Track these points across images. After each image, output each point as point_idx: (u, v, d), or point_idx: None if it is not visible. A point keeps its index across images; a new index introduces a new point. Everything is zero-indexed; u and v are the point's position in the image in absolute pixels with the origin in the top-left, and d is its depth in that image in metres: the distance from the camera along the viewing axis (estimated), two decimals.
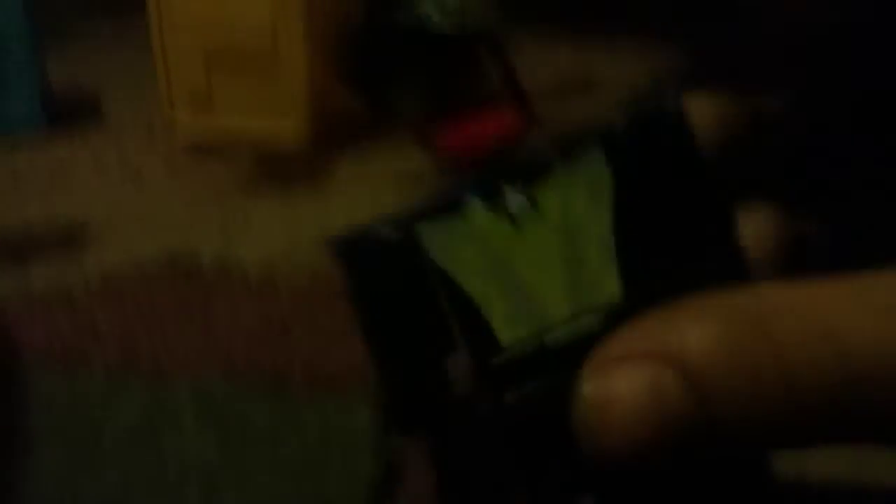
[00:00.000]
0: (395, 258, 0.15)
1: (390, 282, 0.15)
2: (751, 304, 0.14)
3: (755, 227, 0.19)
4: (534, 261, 0.15)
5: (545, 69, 0.43)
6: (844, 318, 0.14)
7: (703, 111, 0.18)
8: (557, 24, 0.59)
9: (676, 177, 0.16)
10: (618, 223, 0.15)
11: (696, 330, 0.14)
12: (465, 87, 0.17)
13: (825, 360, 0.14)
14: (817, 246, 0.22)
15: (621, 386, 0.14)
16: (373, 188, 0.47)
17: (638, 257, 0.16)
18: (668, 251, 0.16)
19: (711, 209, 0.16)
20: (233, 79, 0.56)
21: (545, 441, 0.15)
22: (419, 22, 0.18)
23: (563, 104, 0.40)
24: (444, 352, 0.15)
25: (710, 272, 0.15)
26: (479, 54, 0.18)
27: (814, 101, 0.20)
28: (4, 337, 0.33)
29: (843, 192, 0.24)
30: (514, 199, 0.15)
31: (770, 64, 0.24)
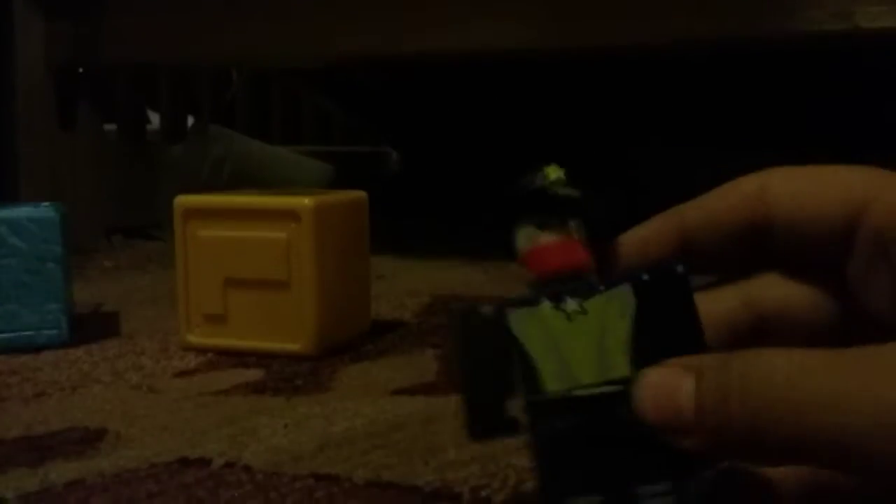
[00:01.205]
0: (489, 326, 0.25)
1: (482, 340, 0.25)
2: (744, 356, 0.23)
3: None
4: (576, 345, 0.25)
5: None
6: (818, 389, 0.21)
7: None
8: None
9: (675, 312, 0.25)
10: (634, 332, 0.25)
11: (707, 357, 0.23)
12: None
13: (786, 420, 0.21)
14: None
15: (658, 376, 0.23)
16: (374, 398, 0.50)
17: (643, 353, 0.24)
18: (661, 350, 0.24)
19: (690, 330, 0.25)
20: (247, 304, 0.60)
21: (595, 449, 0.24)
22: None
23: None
24: (504, 392, 0.25)
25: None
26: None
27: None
28: None
29: None
30: (572, 306, 0.25)
31: None
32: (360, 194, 0.65)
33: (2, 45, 1.13)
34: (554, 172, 0.27)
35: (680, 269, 0.25)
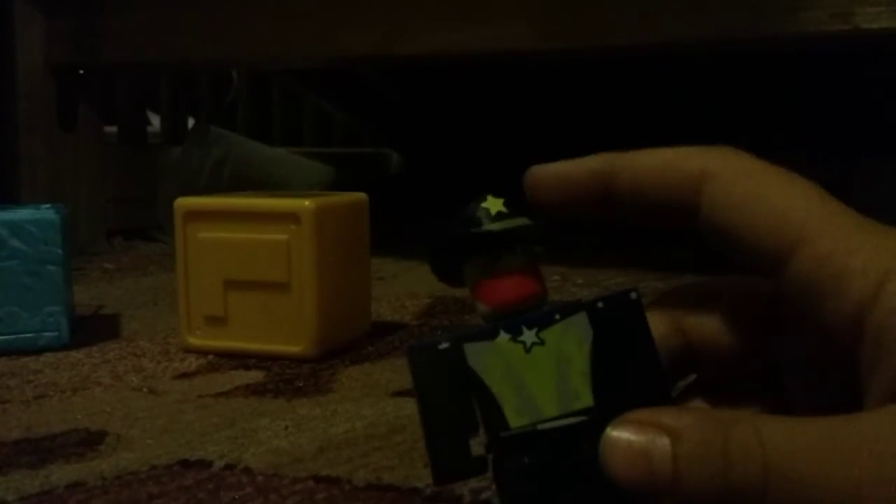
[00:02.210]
0: (447, 362, 0.25)
1: (441, 377, 0.25)
2: (728, 416, 0.24)
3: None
4: (537, 377, 0.24)
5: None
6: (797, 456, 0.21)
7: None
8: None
9: (631, 338, 0.25)
10: (593, 360, 0.25)
11: (688, 420, 0.23)
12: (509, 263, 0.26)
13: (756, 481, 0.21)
14: None
15: (629, 436, 0.23)
16: (374, 400, 0.50)
17: (604, 381, 0.24)
18: (622, 378, 0.24)
19: (648, 357, 0.25)
20: (247, 306, 0.60)
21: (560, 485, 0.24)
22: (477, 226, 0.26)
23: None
24: (468, 430, 0.24)
25: (644, 393, 0.24)
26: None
27: None
28: None
29: None
30: (529, 336, 0.25)
31: None
32: (361, 196, 0.65)
33: (2, 46, 1.13)
34: (494, 206, 0.26)
35: (633, 295, 0.25)
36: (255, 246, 0.59)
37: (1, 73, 1.14)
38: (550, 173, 0.27)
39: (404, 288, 0.85)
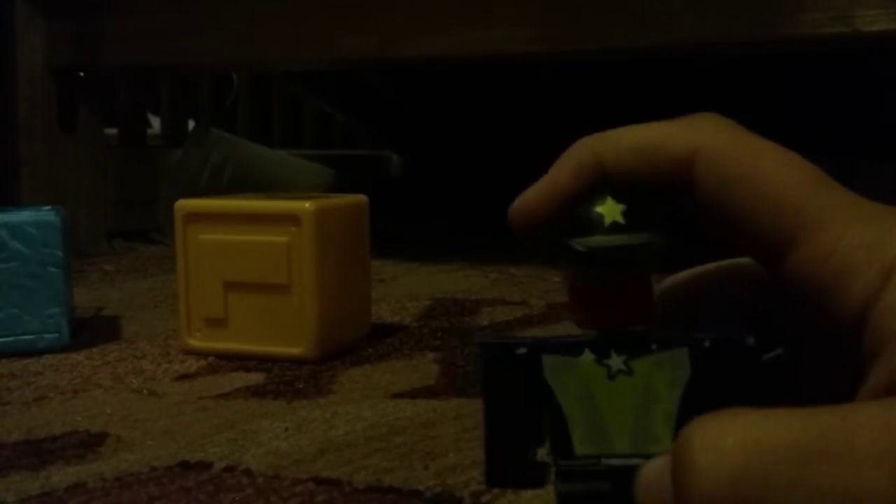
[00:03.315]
0: (520, 369, 0.22)
1: (512, 382, 0.22)
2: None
3: None
4: (616, 407, 0.22)
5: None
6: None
7: None
8: None
9: (736, 388, 0.22)
10: (682, 405, 0.22)
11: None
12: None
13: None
14: None
15: (648, 468, 0.21)
16: (374, 402, 0.50)
17: None
18: None
19: None
20: (247, 308, 0.60)
21: None
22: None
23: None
24: (530, 440, 0.22)
25: None
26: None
27: None
28: None
29: None
30: (616, 363, 0.22)
31: None
32: (361, 198, 0.65)
33: (3, 48, 1.13)
34: (611, 213, 0.23)
35: (751, 340, 0.22)
36: (256, 248, 0.59)
37: (1, 76, 1.14)
38: (529, 204, 0.24)
39: (404, 290, 0.86)
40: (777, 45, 0.84)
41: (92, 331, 0.69)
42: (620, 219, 0.23)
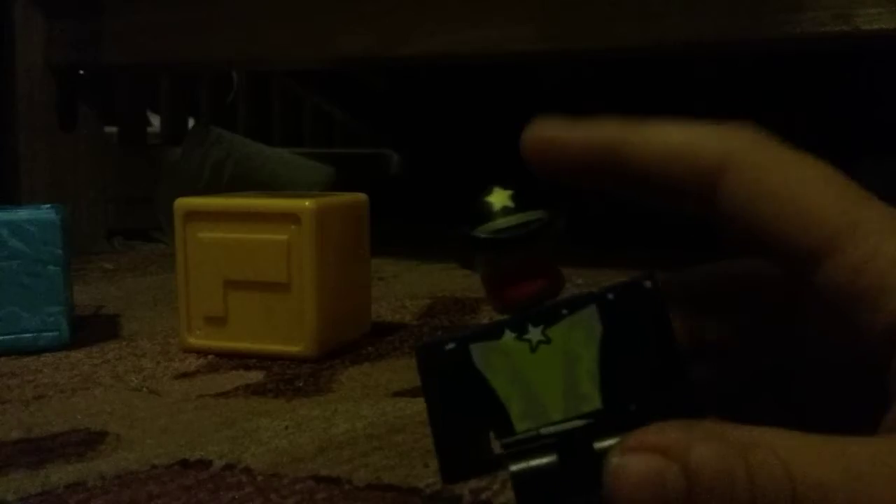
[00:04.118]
0: (453, 362, 0.24)
1: (448, 378, 0.24)
2: (746, 438, 0.20)
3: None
4: (543, 378, 0.23)
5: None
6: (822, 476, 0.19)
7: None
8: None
9: (646, 333, 0.23)
10: (602, 358, 0.23)
11: (701, 445, 0.20)
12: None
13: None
14: None
15: (637, 465, 0.20)
16: (374, 400, 0.50)
17: (614, 381, 0.23)
18: (634, 378, 0.23)
19: (666, 352, 0.23)
20: (247, 303, 0.60)
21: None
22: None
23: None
24: (476, 431, 0.23)
25: (666, 398, 0.23)
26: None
27: None
28: None
29: None
30: (535, 334, 0.23)
31: None
32: (361, 196, 0.65)
33: (2, 47, 1.13)
34: (500, 199, 0.24)
35: (648, 284, 0.23)
36: (256, 246, 0.59)
37: (1, 74, 1.14)
38: (547, 139, 0.25)
39: (404, 288, 0.85)
40: (778, 43, 0.83)
41: (92, 329, 0.69)
42: (510, 203, 0.24)
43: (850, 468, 0.19)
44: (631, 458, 0.21)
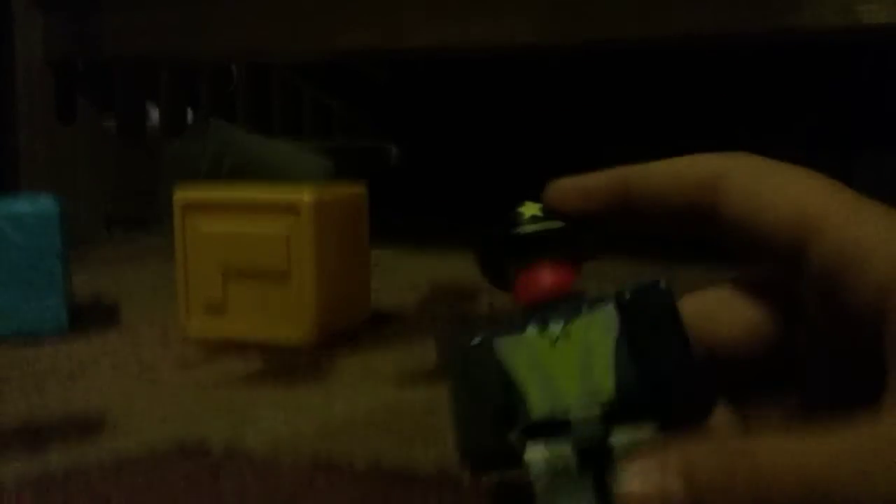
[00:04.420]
0: (478, 357, 0.25)
1: (473, 372, 0.25)
2: (750, 449, 0.21)
3: None
4: (562, 371, 0.24)
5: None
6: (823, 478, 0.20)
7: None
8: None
9: (660, 330, 0.24)
10: (617, 352, 0.24)
11: (705, 457, 0.21)
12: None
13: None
14: None
15: (643, 481, 0.22)
16: (373, 383, 0.50)
17: (629, 375, 0.24)
18: (647, 372, 0.24)
19: (678, 348, 0.24)
20: (246, 292, 0.60)
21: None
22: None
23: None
24: (499, 424, 0.24)
25: (678, 391, 0.24)
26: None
27: None
28: None
29: None
30: (555, 329, 0.25)
31: None
32: (360, 188, 0.65)
33: (1, 40, 1.13)
34: (530, 210, 0.27)
35: (662, 285, 0.25)
36: (255, 238, 0.59)
37: (0, 67, 1.13)
38: (569, 186, 0.28)
39: (404, 278, 0.85)
40: (780, 36, 0.83)
41: (91, 318, 0.68)
42: (539, 213, 0.27)
43: (852, 468, 0.20)
44: (640, 472, 0.22)
